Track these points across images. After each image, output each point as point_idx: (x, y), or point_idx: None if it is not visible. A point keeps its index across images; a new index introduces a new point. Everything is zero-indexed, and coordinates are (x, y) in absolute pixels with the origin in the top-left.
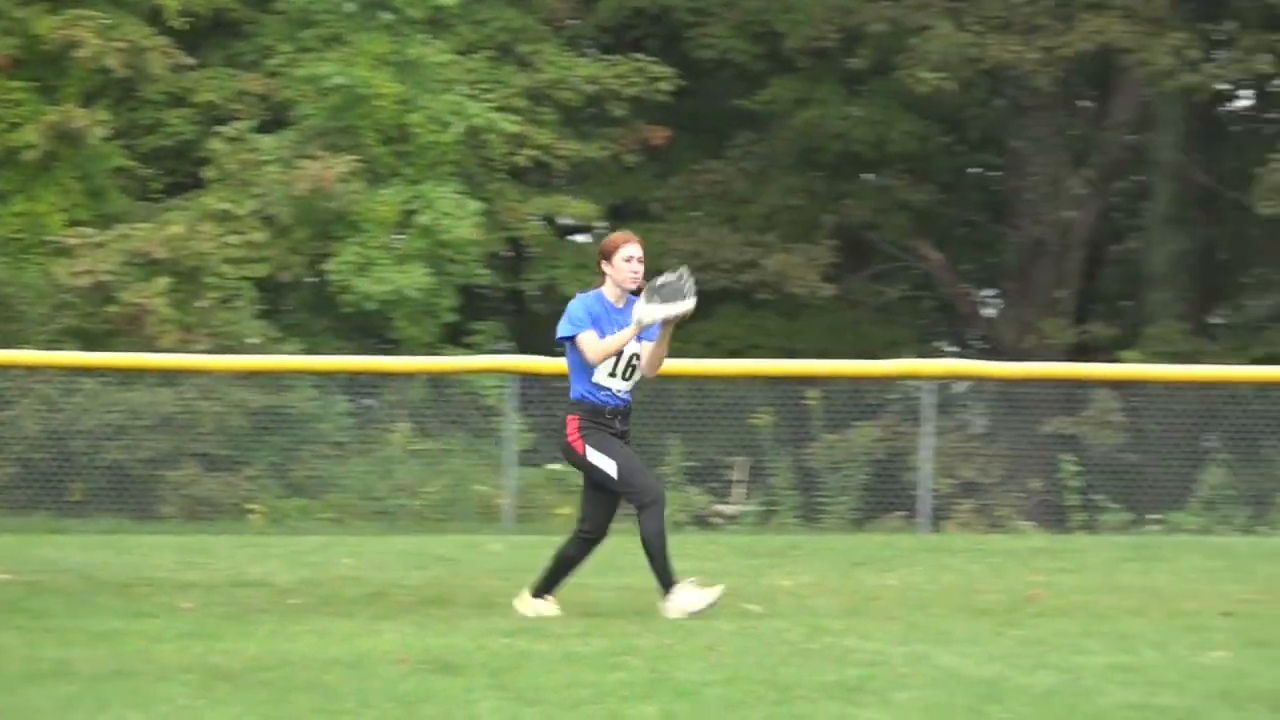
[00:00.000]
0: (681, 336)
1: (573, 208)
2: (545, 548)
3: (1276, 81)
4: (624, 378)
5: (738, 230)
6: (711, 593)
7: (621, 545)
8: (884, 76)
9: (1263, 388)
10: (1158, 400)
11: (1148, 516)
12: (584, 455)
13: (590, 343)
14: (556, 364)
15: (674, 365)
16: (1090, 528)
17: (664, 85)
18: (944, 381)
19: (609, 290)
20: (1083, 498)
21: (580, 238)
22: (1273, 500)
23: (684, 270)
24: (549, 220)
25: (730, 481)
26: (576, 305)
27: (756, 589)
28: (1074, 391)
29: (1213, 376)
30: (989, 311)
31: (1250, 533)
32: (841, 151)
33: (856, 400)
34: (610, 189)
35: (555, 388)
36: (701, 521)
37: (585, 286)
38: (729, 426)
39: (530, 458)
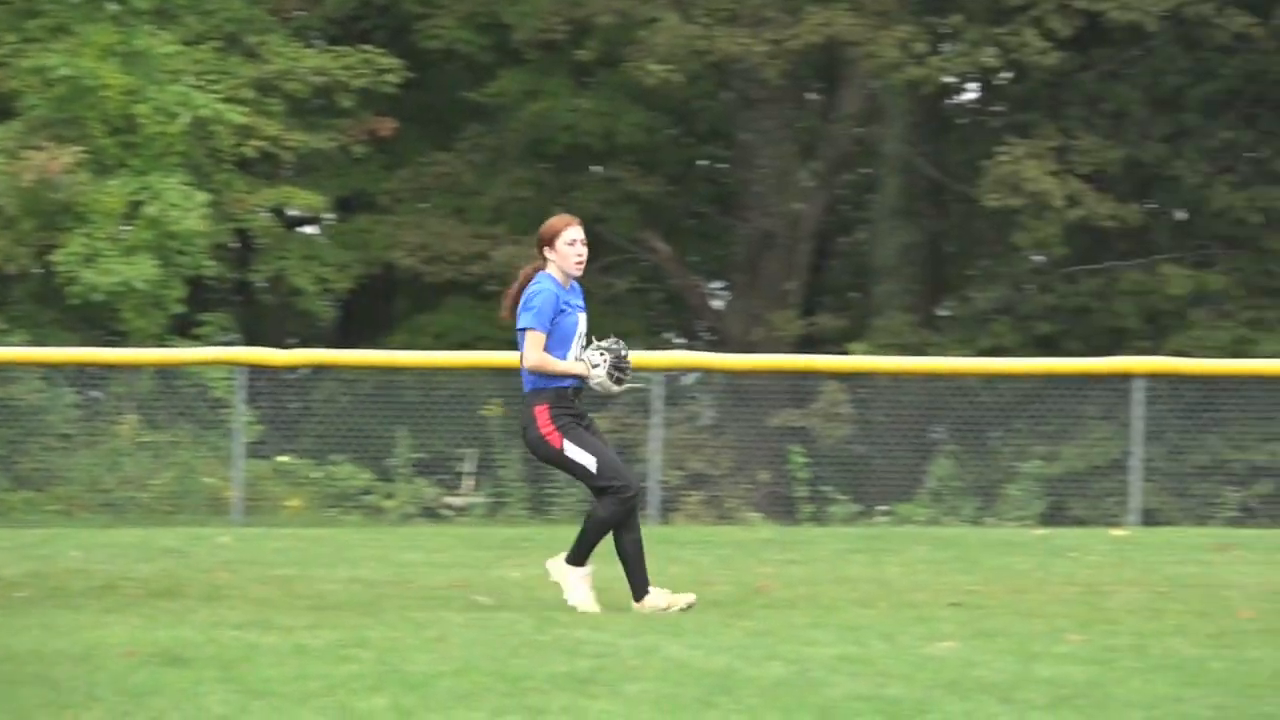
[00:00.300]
0: (410, 328)
1: (300, 199)
2: (273, 540)
3: (1002, 75)
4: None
5: (466, 222)
6: (592, 604)
7: (350, 538)
8: (612, 69)
9: (989, 379)
10: (885, 392)
11: (876, 508)
12: (561, 450)
13: (538, 347)
14: (285, 356)
15: (402, 357)
16: (819, 519)
17: (392, 77)
18: (672, 373)
19: (555, 273)
20: (811, 489)
21: (308, 229)
22: (1000, 491)
23: (629, 356)
24: (277, 212)
25: (460, 473)
26: (546, 299)
27: (486, 580)
28: (802, 383)
29: (940, 368)
30: (717, 303)
31: (978, 524)
32: (570, 144)
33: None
34: (339, 180)
35: (284, 380)
36: (431, 513)
37: (314, 278)
38: (458, 418)
39: (259, 450)
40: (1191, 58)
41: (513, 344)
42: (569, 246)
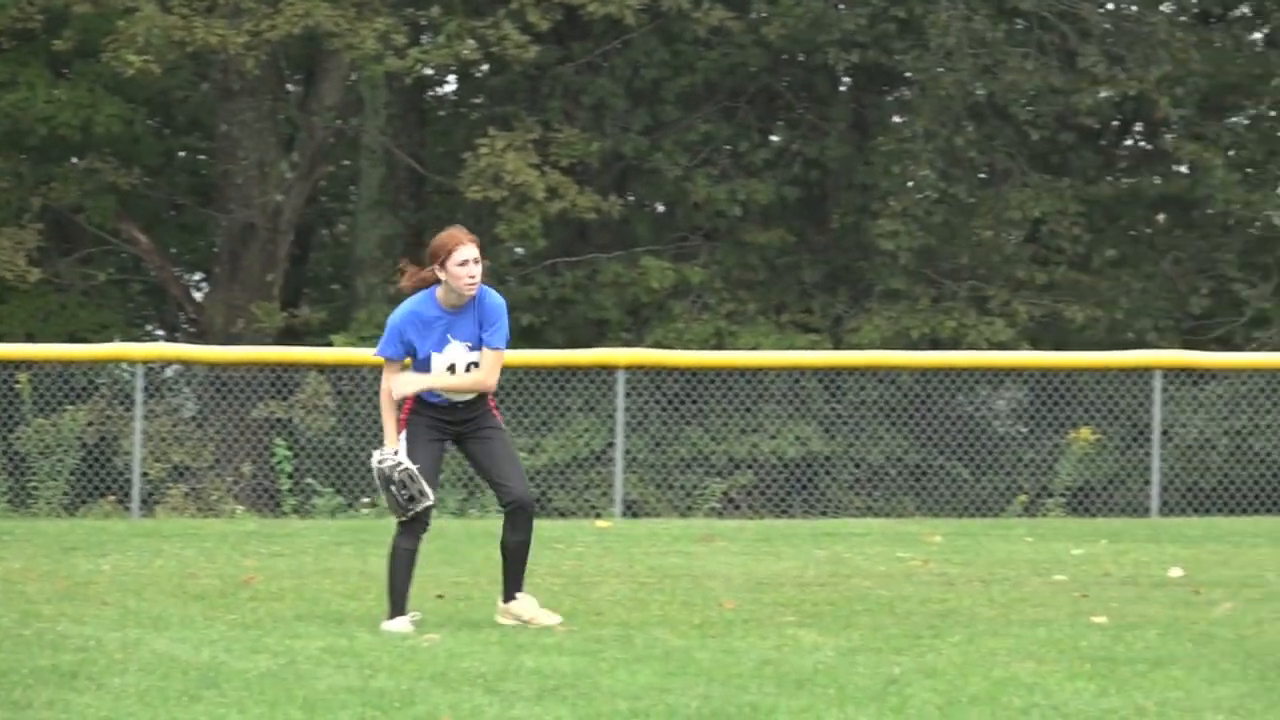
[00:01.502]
0: None
1: None
2: None
3: (482, 67)
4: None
5: None
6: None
7: None
8: (90, 59)
9: (534, 371)
10: (368, 384)
11: (360, 500)
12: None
13: (388, 375)
14: None
15: None
16: (303, 512)
17: None
18: (154, 365)
19: (442, 294)
20: (294, 481)
21: None
22: (483, 483)
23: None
24: None
25: None
26: (395, 319)
27: None
28: (285, 375)
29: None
30: (199, 295)
31: (461, 516)
32: (48, 134)
33: (67, 384)
34: None
35: None
36: None
37: None
38: None
39: None
40: (670, 51)
41: None
42: (460, 267)
